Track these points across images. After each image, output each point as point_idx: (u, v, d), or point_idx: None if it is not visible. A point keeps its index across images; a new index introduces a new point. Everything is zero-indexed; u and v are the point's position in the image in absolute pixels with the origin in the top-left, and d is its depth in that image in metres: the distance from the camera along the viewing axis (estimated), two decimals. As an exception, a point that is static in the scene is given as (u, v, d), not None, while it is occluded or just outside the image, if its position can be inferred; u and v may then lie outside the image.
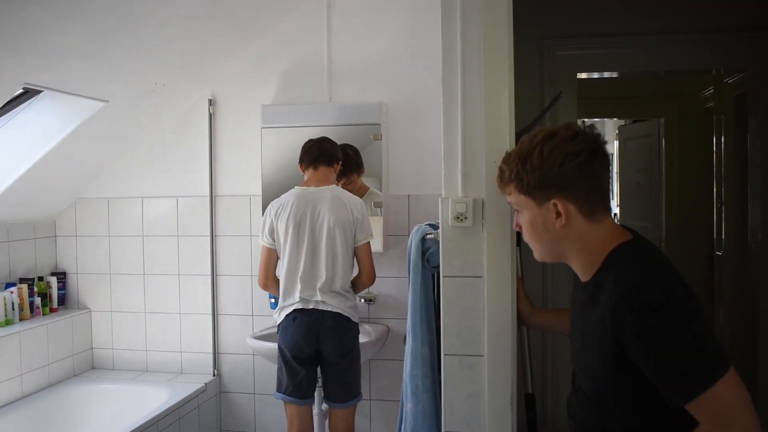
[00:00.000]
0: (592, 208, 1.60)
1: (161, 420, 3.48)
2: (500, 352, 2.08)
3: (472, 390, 2.13)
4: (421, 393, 2.31)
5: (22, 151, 3.52)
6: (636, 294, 1.46)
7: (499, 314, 2.07)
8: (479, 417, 2.12)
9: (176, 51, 3.42)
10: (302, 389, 3.22)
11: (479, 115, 2.10)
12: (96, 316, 4.22)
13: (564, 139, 1.58)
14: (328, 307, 3.14)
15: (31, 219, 4.02)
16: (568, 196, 1.59)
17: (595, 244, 1.62)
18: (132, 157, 4.12)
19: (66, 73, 3.08)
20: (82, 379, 4.05)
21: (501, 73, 2.09)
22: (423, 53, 3.68)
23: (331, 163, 3.32)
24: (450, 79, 2.14)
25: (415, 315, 2.31)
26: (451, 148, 2.15)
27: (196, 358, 4.09)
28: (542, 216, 1.64)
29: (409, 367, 2.33)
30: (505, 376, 2.09)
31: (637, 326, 1.45)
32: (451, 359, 2.14)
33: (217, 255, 4.03)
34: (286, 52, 3.88)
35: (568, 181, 1.57)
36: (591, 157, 1.57)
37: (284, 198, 3.27)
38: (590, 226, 1.61)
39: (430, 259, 2.31)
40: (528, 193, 1.64)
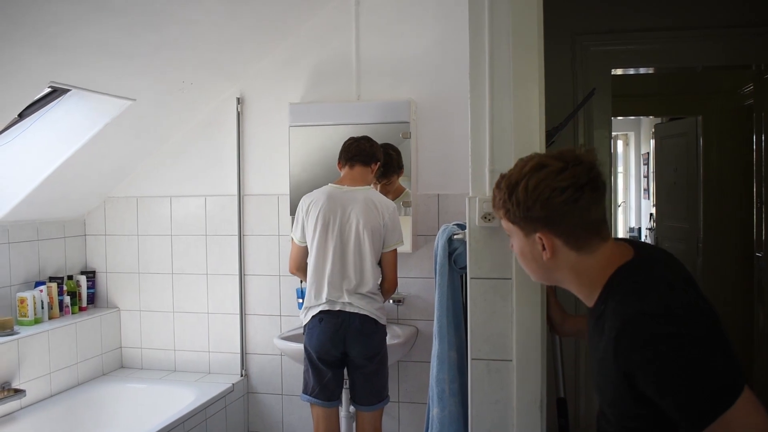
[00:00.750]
0: (579, 242, 1.54)
1: (188, 420, 3.47)
2: (529, 356, 2.03)
3: (500, 396, 2.07)
4: (448, 398, 2.26)
5: (51, 150, 3.52)
6: (635, 327, 1.39)
7: (528, 317, 2.02)
8: (507, 424, 2.07)
9: (204, 49, 3.40)
10: (329, 391, 3.17)
11: (508, 112, 2.05)
12: (125, 315, 4.23)
13: (551, 172, 1.51)
14: (355, 309, 3.09)
15: (61, 218, 4.03)
16: (553, 231, 1.53)
17: (590, 272, 1.56)
18: (160, 156, 4.11)
19: (92, 71, 3.07)
20: (110, 378, 4.05)
21: (530, 70, 2.03)
22: (453, 50, 3.62)
23: (368, 162, 3.27)
24: (478, 76, 2.09)
25: (442, 318, 2.26)
26: (478, 146, 2.09)
27: (224, 358, 4.08)
28: (530, 246, 1.60)
29: (435, 371, 2.27)
30: (534, 381, 2.03)
31: (640, 361, 1.38)
32: (478, 364, 2.08)
33: (245, 254, 4.01)
34: (315, 49, 3.84)
35: (552, 217, 1.51)
36: (577, 194, 1.49)
37: (316, 194, 3.22)
38: (581, 257, 1.55)
39: (457, 260, 2.25)
40: (515, 223, 1.59)
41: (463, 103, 3.58)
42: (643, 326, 1.38)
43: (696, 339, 1.35)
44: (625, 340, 1.40)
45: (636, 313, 1.40)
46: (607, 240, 1.56)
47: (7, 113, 3.04)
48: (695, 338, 1.35)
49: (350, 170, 3.25)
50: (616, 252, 1.55)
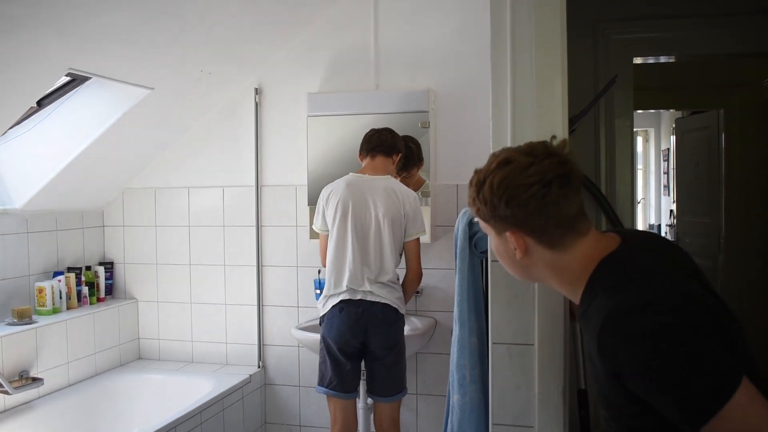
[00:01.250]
0: (552, 240, 1.45)
1: (205, 410, 3.46)
2: (552, 340, 1.98)
3: (522, 381, 2.03)
4: (469, 384, 2.22)
5: (70, 140, 3.53)
6: (615, 322, 1.30)
7: (551, 300, 1.97)
8: (529, 410, 2.02)
9: (222, 37, 3.39)
10: (347, 383, 3.14)
11: (530, 98, 2.00)
12: (142, 306, 4.23)
13: (517, 168, 1.41)
14: (376, 298, 3.06)
15: (80, 208, 4.04)
16: (522, 230, 1.45)
17: (570, 269, 1.47)
18: (178, 147, 4.11)
19: (111, 59, 3.07)
20: (128, 368, 4.05)
21: (553, 55, 1.99)
22: (472, 38, 3.60)
23: (390, 153, 3.24)
24: (499, 61, 2.05)
25: (462, 302, 2.22)
26: (499, 132, 2.05)
27: (241, 350, 4.07)
28: (503, 245, 1.53)
29: (455, 357, 2.24)
30: (556, 366, 1.98)
31: (624, 358, 1.29)
32: (500, 348, 2.04)
33: (263, 245, 3.99)
34: (333, 39, 3.82)
35: (520, 216, 1.43)
36: (544, 190, 1.39)
37: (336, 184, 3.20)
38: (557, 255, 1.47)
39: (478, 243, 2.21)
40: (486, 221, 1.53)
41: (482, 92, 3.56)
42: (624, 321, 1.29)
43: (685, 330, 1.25)
44: (607, 337, 1.31)
45: (616, 307, 1.31)
46: (586, 235, 1.47)
47: (27, 100, 3.04)
48: (684, 329, 1.25)
49: (372, 161, 3.23)
50: (598, 245, 1.47)
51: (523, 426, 2.03)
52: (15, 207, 3.58)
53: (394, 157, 3.26)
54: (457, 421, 2.24)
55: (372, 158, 3.23)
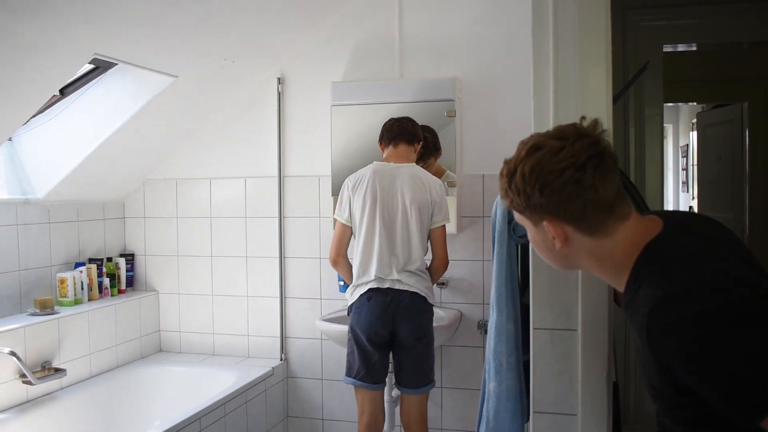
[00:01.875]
0: (592, 226, 1.38)
1: (228, 403, 3.42)
2: (596, 325, 1.93)
3: (564, 367, 1.98)
4: (506, 371, 2.17)
5: (92, 129, 3.50)
6: (662, 312, 1.23)
7: (595, 284, 1.92)
8: (571, 397, 1.98)
9: (246, 24, 3.34)
10: (375, 374, 3.09)
11: (573, 77, 1.95)
12: (164, 299, 4.19)
13: (547, 154, 1.35)
14: (404, 287, 3.01)
15: (101, 199, 4.01)
16: (559, 217, 1.38)
17: (613, 257, 1.40)
18: (200, 137, 4.07)
19: (136, 45, 3.03)
20: (149, 360, 4.02)
21: (597, 33, 1.94)
22: (498, 26, 3.55)
23: (412, 141, 3.20)
24: (541, 40, 2.00)
25: (500, 287, 2.17)
26: (541, 113, 2.00)
27: (263, 342, 4.02)
28: (540, 235, 1.45)
29: (492, 343, 2.18)
30: (601, 352, 1.94)
31: (672, 349, 1.22)
32: (541, 333, 1.99)
33: (286, 237, 3.95)
34: (357, 27, 3.77)
35: (555, 203, 1.36)
36: (578, 174, 1.32)
37: (361, 172, 3.16)
38: (599, 242, 1.39)
39: (517, 228, 2.16)
40: (520, 212, 1.45)
41: (509, 80, 3.56)
42: (671, 310, 1.22)
43: (732, 317, 1.17)
44: (655, 328, 1.24)
45: (663, 296, 1.25)
46: (628, 218, 1.39)
47: (51, 87, 3.01)
48: (730, 316, 1.17)
49: (394, 149, 3.19)
50: (640, 230, 1.39)
51: (565, 414, 1.98)
52: (37, 197, 3.55)
53: (415, 145, 3.22)
54: (493, 409, 2.18)
55: (395, 146, 3.19)
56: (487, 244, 3.62)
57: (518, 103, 3.51)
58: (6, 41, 2.50)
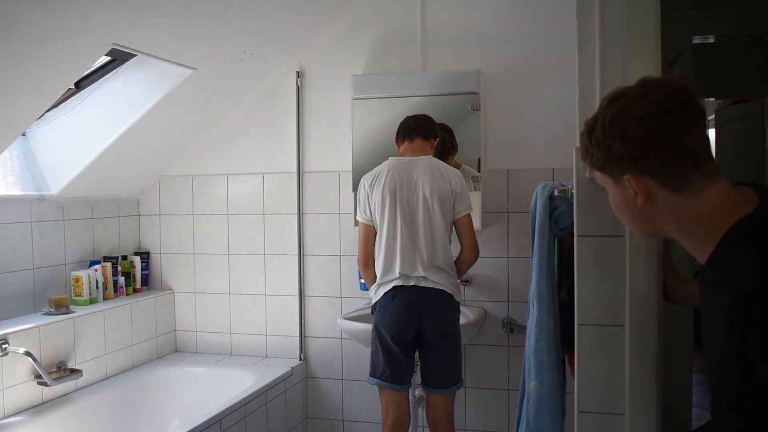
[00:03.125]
0: (676, 180, 1.29)
1: (249, 403, 3.34)
2: (644, 321, 1.84)
3: (611, 365, 1.89)
4: (546, 369, 2.09)
5: (107, 124, 3.43)
6: (753, 300, 1.15)
7: (643, 278, 1.83)
8: (618, 396, 1.89)
9: (266, 17, 3.27)
10: (401, 374, 3.00)
11: (620, 56, 1.86)
12: (180, 298, 4.11)
13: (629, 101, 1.29)
14: (430, 284, 2.92)
15: (116, 196, 3.93)
16: (642, 170, 1.30)
17: (699, 222, 1.30)
18: (217, 133, 3.99)
19: (156, 36, 2.95)
20: (165, 361, 3.94)
21: (646, 12, 1.85)
22: (524, 17, 3.48)
23: (428, 137, 3.12)
24: (587, 17, 1.91)
25: (541, 281, 2.08)
26: (587, 92, 1.90)
27: (282, 342, 3.94)
28: (622, 194, 1.37)
29: (533, 340, 2.10)
30: (649, 349, 1.85)
31: (758, 342, 1.15)
32: (587, 330, 1.90)
33: (305, 234, 3.87)
34: (378, 19, 3.69)
35: (636, 152, 1.28)
36: (661, 120, 1.25)
37: (378, 169, 3.08)
38: (686, 200, 1.29)
39: (558, 219, 2.08)
40: (601, 169, 1.38)
41: (535, 73, 3.48)
42: (763, 300, 1.14)
43: None
44: (741, 315, 1.16)
45: (756, 282, 1.16)
46: (716, 180, 1.29)
47: (67, 78, 2.92)
48: None
49: (410, 144, 3.11)
50: (733, 199, 1.29)
51: (611, 413, 1.90)
52: (51, 193, 3.47)
53: (432, 142, 3.14)
54: (534, 409, 2.10)
55: (410, 141, 3.11)
56: (512, 240, 3.54)
57: (544, 96, 3.45)
58: (21, 30, 2.41)
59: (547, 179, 3.43)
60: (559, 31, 3.35)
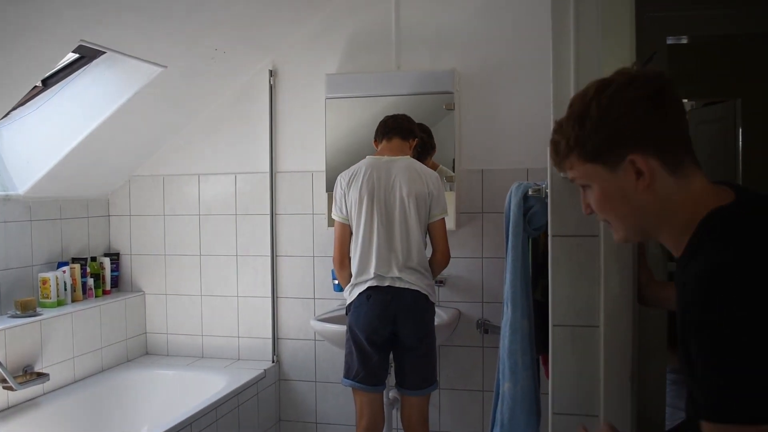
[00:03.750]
0: (677, 158, 1.27)
1: (219, 408, 3.28)
2: (619, 322, 1.82)
3: (585, 366, 1.87)
4: (521, 371, 2.06)
5: (76, 122, 3.36)
6: (705, 283, 1.15)
7: (618, 278, 1.81)
8: (592, 398, 1.87)
9: (238, 14, 3.22)
10: (375, 375, 2.97)
11: (594, 54, 1.84)
12: (150, 300, 4.05)
13: (622, 85, 1.27)
14: (405, 285, 2.89)
15: (85, 196, 3.86)
16: (646, 149, 1.27)
17: (684, 209, 1.28)
18: (188, 132, 3.93)
19: (125, 32, 2.89)
20: (135, 364, 3.87)
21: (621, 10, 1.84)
22: (500, 17, 3.48)
23: (407, 137, 3.09)
24: (561, 16, 1.89)
25: (515, 282, 2.06)
26: (561, 89, 1.89)
27: (254, 344, 3.89)
28: (618, 182, 1.31)
29: (507, 342, 2.07)
30: (624, 350, 1.83)
31: (698, 323, 1.14)
32: (561, 331, 1.88)
33: (278, 235, 3.82)
34: (352, 17, 3.65)
35: (642, 129, 1.26)
36: (660, 98, 1.25)
37: (355, 167, 3.05)
38: (678, 185, 1.28)
39: (532, 219, 2.06)
40: (595, 158, 1.31)
41: (510, 73, 3.46)
42: (714, 284, 1.13)
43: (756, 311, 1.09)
44: (692, 297, 1.16)
45: (713, 266, 1.15)
46: (699, 168, 1.30)
47: (33, 76, 2.86)
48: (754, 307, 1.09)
49: (388, 143, 3.08)
50: (711, 191, 1.29)
51: (586, 415, 1.87)
52: (18, 193, 3.40)
53: (411, 142, 3.11)
54: (508, 411, 2.07)
55: (388, 141, 3.08)
56: (487, 240, 3.52)
57: (519, 96, 3.44)
58: (-14, 25, 2.36)
59: (521, 179, 3.41)
60: (534, 31, 3.35)
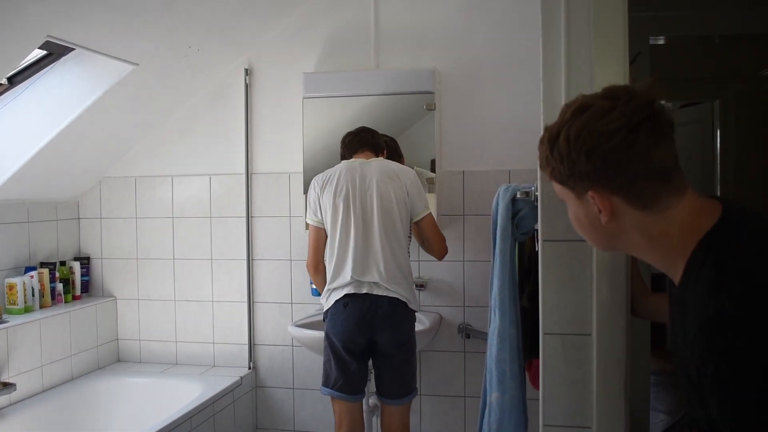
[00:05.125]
0: (644, 198, 1.22)
1: (194, 417, 3.18)
2: (612, 329, 1.75)
3: (577, 376, 1.80)
4: (509, 380, 1.99)
5: (44, 121, 3.24)
6: (711, 331, 1.10)
7: (611, 285, 1.74)
8: (585, 408, 1.79)
9: (213, 10, 3.14)
10: (353, 384, 2.88)
11: (587, 51, 1.78)
12: (122, 305, 3.93)
13: (596, 113, 1.20)
14: (383, 292, 2.80)
15: (53, 199, 3.73)
16: (607, 187, 1.22)
17: (667, 239, 1.23)
18: (161, 132, 3.83)
19: (94, 28, 2.78)
20: (106, 372, 3.76)
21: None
22: (480, 16, 3.42)
23: (377, 152, 3.02)
24: (551, 13, 1.82)
25: (504, 289, 1.99)
26: (551, 89, 1.81)
27: (230, 350, 3.79)
28: (584, 210, 1.29)
29: (495, 350, 2.00)
30: (618, 358, 1.76)
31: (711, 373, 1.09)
32: (552, 339, 1.81)
33: (254, 238, 3.73)
34: (330, 15, 3.57)
35: (603, 169, 1.20)
36: (631, 137, 1.17)
37: (330, 171, 2.95)
38: (651, 218, 1.23)
39: (520, 223, 1.98)
40: (562, 183, 1.29)
41: (492, 72, 3.40)
42: (718, 332, 1.08)
43: None
44: (700, 346, 1.11)
45: (714, 313, 1.10)
46: (684, 193, 1.22)
47: (2, 70, 2.75)
48: None
49: (360, 155, 2.99)
50: (700, 211, 1.22)
51: (578, 426, 1.80)
52: (-18, 195, 3.27)
53: (380, 156, 3.03)
54: (496, 422, 2.00)
55: (360, 154, 2.99)
56: (468, 243, 3.46)
57: (501, 96, 3.40)
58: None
59: (503, 181, 3.35)
60: (518, 29, 3.33)
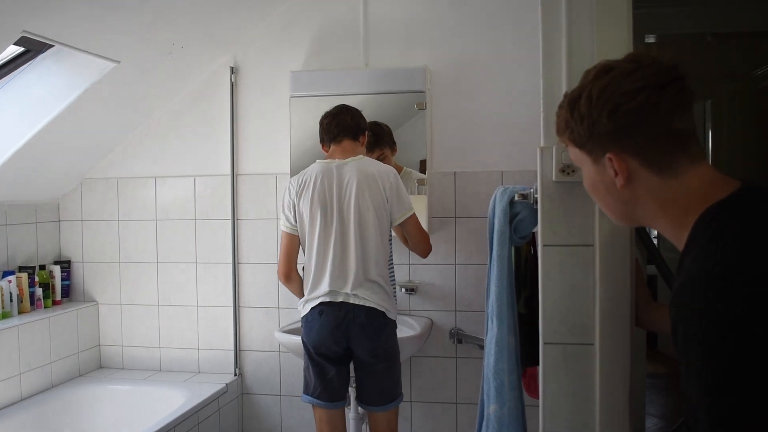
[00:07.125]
0: (663, 158, 1.19)
1: (178, 425, 3.09)
2: (616, 339, 1.68)
3: (580, 387, 1.72)
4: (508, 392, 1.91)
5: (22, 120, 3.15)
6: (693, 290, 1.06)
7: (615, 292, 1.67)
8: (588, 420, 1.72)
9: (197, 6, 3.05)
10: (332, 391, 2.79)
11: (589, 46, 1.70)
12: (104, 310, 3.83)
13: (620, 74, 1.19)
14: (360, 301, 2.70)
15: (33, 200, 3.63)
16: (626, 148, 1.20)
17: (680, 203, 1.20)
18: (144, 132, 3.73)
19: (73, 23, 2.68)
20: (88, 379, 3.66)
21: None
22: (472, 13, 3.35)
23: (357, 136, 2.89)
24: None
25: (502, 296, 1.90)
26: (551, 85, 1.73)
27: (215, 356, 3.70)
28: (600, 174, 1.27)
29: (493, 360, 1.91)
30: (621, 369, 1.69)
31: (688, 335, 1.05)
32: (553, 349, 1.73)
33: (239, 241, 3.64)
34: (318, 11, 3.49)
35: (624, 129, 1.19)
36: (655, 97, 1.16)
37: (306, 174, 2.84)
38: (666, 182, 1.20)
39: (518, 227, 1.90)
40: (581, 146, 1.28)
41: (484, 70, 3.32)
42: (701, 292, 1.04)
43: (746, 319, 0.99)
44: (679, 304, 1.08)
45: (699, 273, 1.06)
46: (700, 162, 1.19)
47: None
48: None
49: (338, 146, 2.87)
50: (716, 182, 1.18)
51: (580, 440, 1.73)
52: (-42, 197, 3.16)
53: (361, 139, 2.92)
54: (493, 435, 1.92)
55: (338, 144, 2.88)
56: (460, 246, 3.38)
57: (494, 95, 3.33)
58: None
59: (496, 182, 3.29)
60: (510, 25, 3.27)
